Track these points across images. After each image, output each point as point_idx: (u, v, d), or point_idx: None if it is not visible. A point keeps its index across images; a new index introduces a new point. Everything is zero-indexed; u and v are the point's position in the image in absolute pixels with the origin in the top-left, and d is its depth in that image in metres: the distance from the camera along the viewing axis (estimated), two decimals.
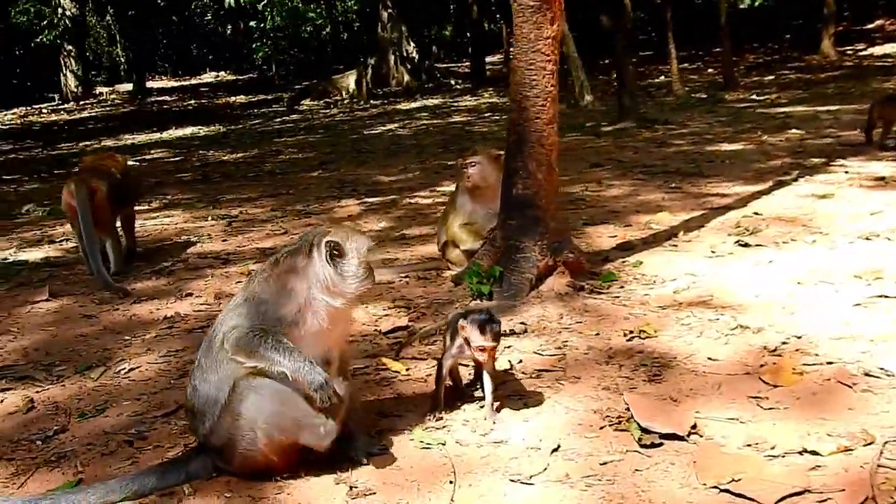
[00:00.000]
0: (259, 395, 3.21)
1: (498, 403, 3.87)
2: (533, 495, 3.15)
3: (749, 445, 3.40)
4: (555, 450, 3.47)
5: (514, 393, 4.08)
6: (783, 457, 3.27)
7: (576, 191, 9.26)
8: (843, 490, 2.98)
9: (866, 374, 3.92)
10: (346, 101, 29.69)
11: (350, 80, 31.63)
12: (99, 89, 41.04)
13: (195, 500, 3.31)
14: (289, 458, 3.32)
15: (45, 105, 37.17)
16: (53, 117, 32.61)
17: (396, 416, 3.93)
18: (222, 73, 45.50)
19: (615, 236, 7.06)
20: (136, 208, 8.22)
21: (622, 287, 5.61)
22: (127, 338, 5.40)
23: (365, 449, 3.52)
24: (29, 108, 36.68)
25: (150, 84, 41.41)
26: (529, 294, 5.53)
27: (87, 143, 22.39)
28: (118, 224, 7.53)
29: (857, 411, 3.58)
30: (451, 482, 3.27)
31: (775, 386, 3.93)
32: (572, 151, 12.18)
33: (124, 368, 4.83)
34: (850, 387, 3.82)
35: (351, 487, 3.26)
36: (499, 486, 3.23)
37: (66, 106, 36.10)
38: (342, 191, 10.91)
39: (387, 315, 5.48)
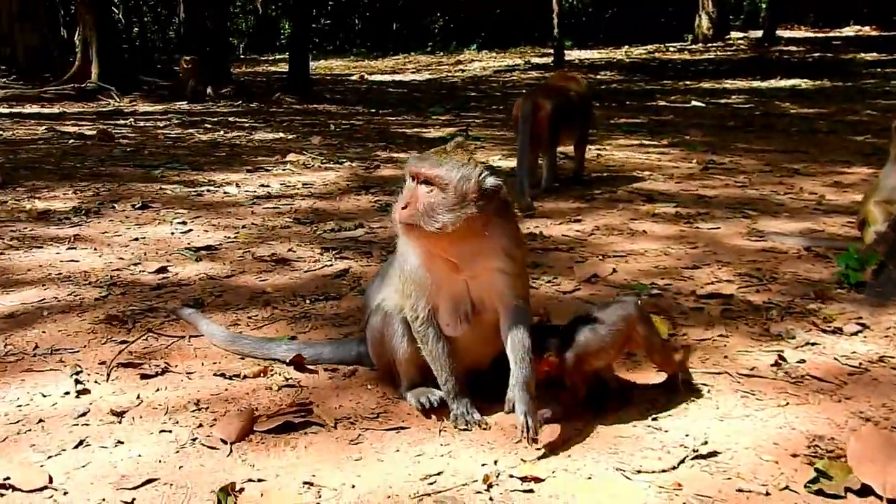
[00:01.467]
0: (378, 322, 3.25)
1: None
2: (614, 491, 2.62)
3: None
4: (702, 456, 2.81)
5: (749, 390, 3.35)
6: None
7: None
8: None
9: None
10: None
11: None
12: (733, 34, 41.08)
13: (347, 380, 3.44)
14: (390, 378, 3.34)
15: (676, 44, 38.50)
16: (675, 56, 33.66)
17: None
18: (866, 27, 42.13)
19: None
20: (644, 142, 8.20)
21: None
22: None
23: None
24: (661, 45, 38.34)
25: (782, 33, 40.21)
26: None
27: (685, 82, 22.75)
28: (569, 146, 7.73)
29: None
30: (542, 449, 2.87)
31: None
32: None
33: None
34: None
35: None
36: (592, 469, 2.74)
37: (693, 47, 36.93)
38: (865, 157, 9.56)
39: (728, 282, 4.81)
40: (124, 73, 16.65)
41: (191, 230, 5.78)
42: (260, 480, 2.69)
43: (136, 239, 5.52)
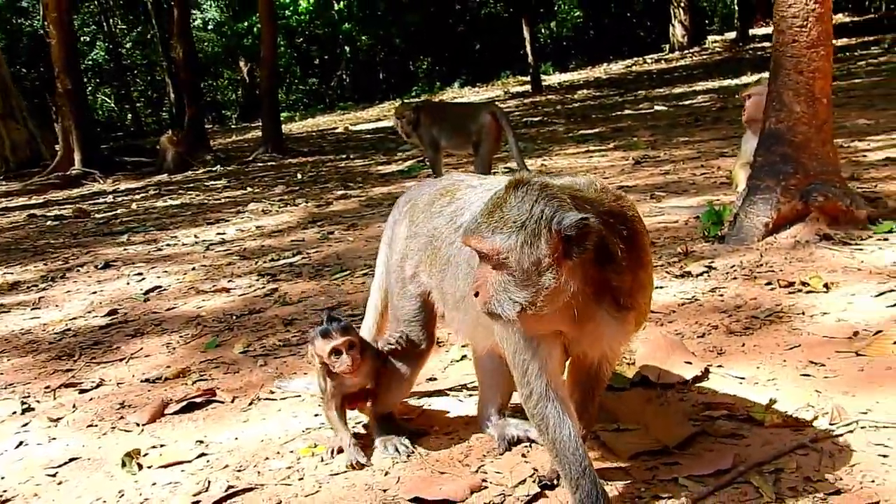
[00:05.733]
0: None
1: None
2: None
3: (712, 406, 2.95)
4: None
5: None
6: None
7: None
8: None
9: None
10: None
11: None
12: (709, 38, 41.77)
13: (247, 367, 4.04)
14: None
15: (654, 55, 39.23)
16: (652, 67, 34.39)
17: None
18: (838, 14, 42.70)
19: None
20: (591, 148, 8.70)
21: (889, 242, 4.66)
22: None
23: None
24: (639, 59, 39.07)
25: (756, 31, 40.86)
26: (764, 239, 4.94)
27: (658, 90, 23.31)
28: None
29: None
30: None
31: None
32: None
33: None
34: None
35: None
36: None
37: (669, 56, 37.66)
38: None
39: None
40: (107, 156, 17.60)
41: (144, 278, 6.42)
42: (162, 446, 3.31)
43: (95, 293, 6.17)
